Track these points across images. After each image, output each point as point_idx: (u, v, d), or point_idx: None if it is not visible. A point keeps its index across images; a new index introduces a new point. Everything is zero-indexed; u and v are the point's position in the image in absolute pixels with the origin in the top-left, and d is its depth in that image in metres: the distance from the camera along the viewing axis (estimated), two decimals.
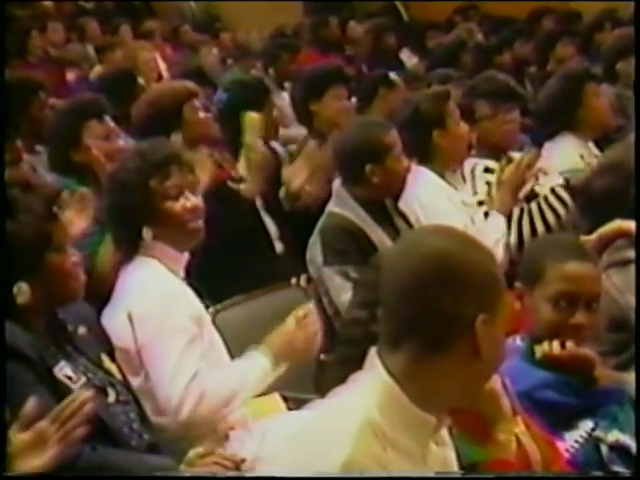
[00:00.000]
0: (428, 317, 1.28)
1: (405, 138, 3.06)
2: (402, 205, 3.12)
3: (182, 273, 2.37)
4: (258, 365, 2.28)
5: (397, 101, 3.90)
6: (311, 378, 2.61)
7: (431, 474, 1.32)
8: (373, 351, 1.33)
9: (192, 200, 2.32)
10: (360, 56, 6.85)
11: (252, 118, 3.49)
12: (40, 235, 1.91)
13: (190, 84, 3.48)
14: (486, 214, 3.17)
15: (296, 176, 3.55)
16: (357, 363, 1.40)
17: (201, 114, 3.36)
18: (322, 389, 2.11)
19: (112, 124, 3.16)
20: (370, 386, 1.31)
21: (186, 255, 2.38)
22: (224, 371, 2.26)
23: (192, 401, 2.17)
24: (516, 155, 3.36)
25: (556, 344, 1.91)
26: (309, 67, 4.36)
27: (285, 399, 2.44)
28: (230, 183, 3.35)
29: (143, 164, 2.28)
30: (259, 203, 3.48)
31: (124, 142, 3.27)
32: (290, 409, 2.39)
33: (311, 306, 2.39)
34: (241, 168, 3.45)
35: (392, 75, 4.29)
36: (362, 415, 1.27)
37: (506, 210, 3.12)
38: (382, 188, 3.00)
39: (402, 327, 1.30)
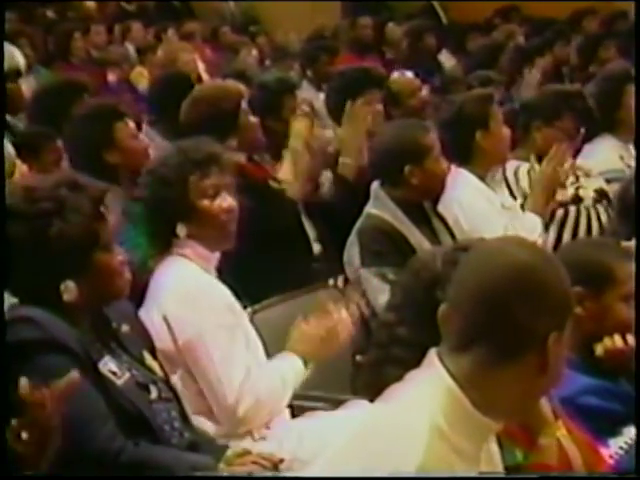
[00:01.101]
0: (503, 325, 1.29)
1: (447, 139, 3.05)
2: (441, 207, 3.11)
3: (214, 272, 2.38)
4: (295, 366, 2.31)
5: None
6: (347, 379, 2.62)
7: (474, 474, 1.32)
8: (433, 352, 1.34)
9: (228, 201, 2.33)
10: (398, 58, 6.84)
11: (300, 124, 3.50)
12: (88, 234, 1.93)
13: (240, 85, 3.48)
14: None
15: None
16: (391, 364, 1.39)
17: (252, 117, 3.37)
18: (358, 390, 2.13)
19: (133, 126, 3.17)
20: (432, 388, 1.31)
21: (217, 255, 2.39)
22: (270, 372, 2.29)
23: (249, 402, 2.21)
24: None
25: (618, 338, 1.92)
26: (342, 68, 4.34)
27: (321, 400, 2.46)
28: (271, 183, 3.35)
29: (184, 161, 2.30)
30: (299, 205, 3.48)
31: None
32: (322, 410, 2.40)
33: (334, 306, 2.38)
34: (284, 171, 3.45)
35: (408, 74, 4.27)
36: (428, 418, 1.28)
37: (539, 211, 3.09)
38: (421, 190, 3.00)
39: (473, 331, 1.30)
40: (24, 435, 1.48)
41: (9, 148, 2.77)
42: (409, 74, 4.58)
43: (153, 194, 2.33)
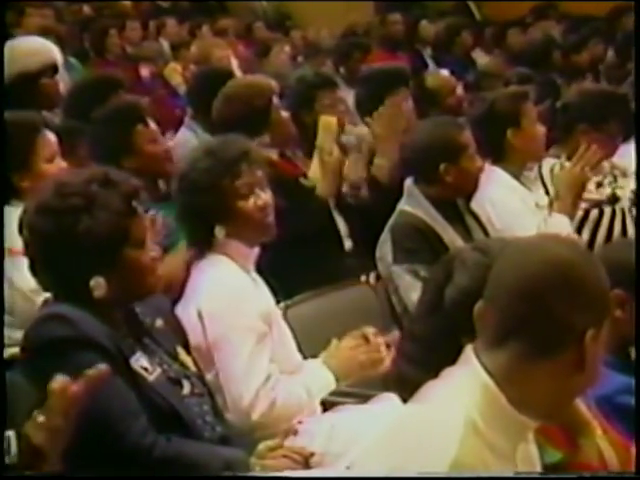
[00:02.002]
0: (540, 321, 1.28)
1: (478, 136, 3.04)
2: (474, 205, 3.10)
3: (253, 268, 2.39)
4: (323, 380, 2.32)
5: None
6: (379, 375, 2.61)
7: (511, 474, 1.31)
8: (469, 348, 1.33)
9: (262, 197, 2.34)
10: (432, 56, 6.82)
11: (328, 121, 3.49)
12: (117, 231, 1.92)
13: (271, 80, 3.47)
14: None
15: (350, 171, 3.52)
16: (423, 361, 1.39)
17: (284, 113, 3.36)
18: (389, 386, 2.12)
19: (155, 126, 3.16)
20: (468, 384, 1.30)
21: (256, 250, 2.40)
22: (293, 381, 2.29)
23: (263, 406, 2.20)
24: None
25: None
26: (373, 67, 4.33)
27: (351, 395, 2.46)
28: (302, 180, 3.36)
29: (213, 164, 2.29)
30: (330, 201, 3.48)
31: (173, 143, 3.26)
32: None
33: (371, 330, 2.39)
34: (314, 169, 3.45)
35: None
36: (463, 414, 1.27)
37: (566, 210, 3.05)
38: (455, 188, 2.99)
39: (510, 328, 1.30)
40: (40, 418, 1.47)
41: (50, 135, 2.80)
42: (445, 72, 4.56)
43: (187, 200, 2.33)
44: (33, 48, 4.15)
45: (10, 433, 1.57)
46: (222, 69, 4.45)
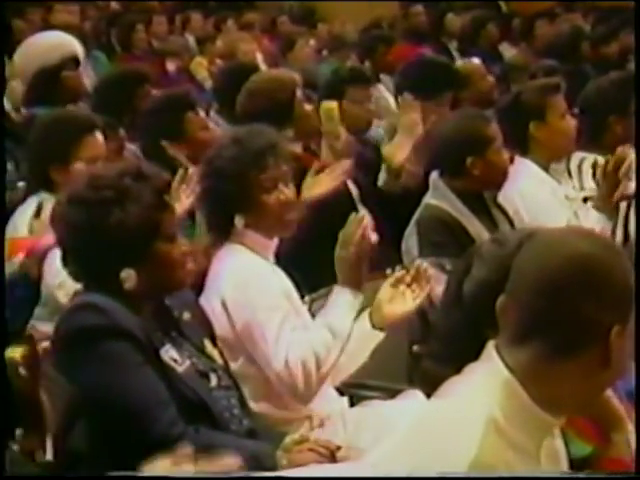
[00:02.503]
0: (564, 318, 1.26)
1: (504, 129, 3.01)
2: (501, 198, 3.08)
3: (272, 258, 2.39)
4: (340, 301, 2.26)
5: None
6: (404, 369, 2.61)
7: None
8: (490, 344, 1.31)
9: (286, 192, 2.33)
10: (457, 49, 6.77)
11: (328, 107, 3.47)
12: (148, 224, 1.93)
13: (295, 74, 3.47)
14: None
15: (398, 151, 3.50)
16: (451, 356, 1.38)
17: (308, 106, 3.35)
18: (414, 381, 2.11)
19: (204, 115, 3.19)
20: (489, 381, 1.28)
21: (275, 241, 2.40)
22: (308, 330, 2.25)
23: (299, 373, 2.19)
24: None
25: None
26: (415, 60, 4.29)
27: (377, 389, 2.46)
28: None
29: (240, 153, 2.29)
30: (355, 194, 3.47)
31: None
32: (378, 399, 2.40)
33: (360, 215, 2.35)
34: (325, 156, 3.43)
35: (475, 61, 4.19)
36: (484, 412, 1.25)
37: (604, 207, 3.02)
38: (482, 181, 2.97)
39: (533, 324, 1.27)
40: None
41: (100, 137, 2.83)
42: (476, 60, 4.53)
43: (210, 186, 2.34)
44: (52, 42, 4.19)
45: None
46: (248, 64, 4.46)
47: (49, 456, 1.62)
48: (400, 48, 5.90)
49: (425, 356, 1.62)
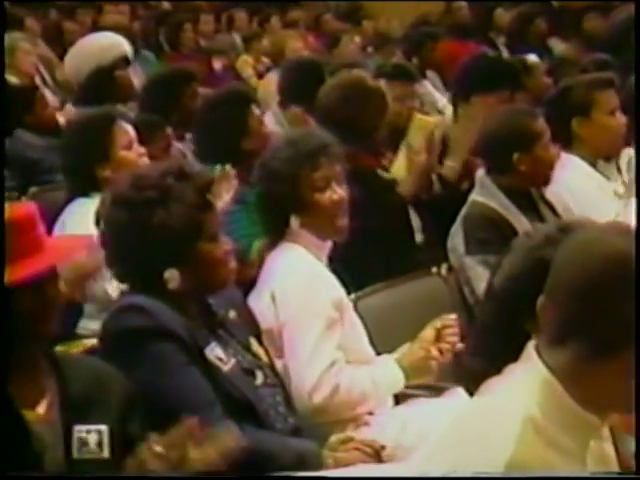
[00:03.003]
0: (602, 319, 1.23)
1: (549, 124, 2.97)
2: (549, 194, 3.04)
3: (325, 260, 2.40)
4: (392, 375, 2.30)
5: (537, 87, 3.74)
6: (449, 366, 2.59)
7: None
8: (531, 344, 1.30)
9: (338, 192, 2.34)
10: (505, 44, 6.70)
11: (425, 121, 3.45)
12: (191, 224, 1.93)
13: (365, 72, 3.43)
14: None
15: (452, 160, 3.47)
16: (488, 351, 1.36)
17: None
18: (459, 378, 2.09)
19: (260, 111, 3.20)
20: (529, 381, 1.27)
21: (329, 243, 2.41)
22: (359, 371, 2.28)
23: (326, 390, 2.19)
24: None
25: None
26: (471, 57, 4.24)
27: (422, 387, 2.44)
28: (380, 172, 3.31)
29: (294, 154, 2.31)
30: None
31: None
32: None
33: (452, 317, 2.36)
34: (398, 165, 3.40)
35: (532, 58, 4.12)
36: (522, 411, 1.24)
37: None
38: (529, 177, 2.94)
39: (571, 325, 1.25)
40: (158, 449, 1.54)
41: (125, 124, 2.87)
42: (532, 56, 4.47)
43: (266, 188, 2.36)
44: (106, 42, 4.28)
45: (103, 428, 1.62)
46: (315, 61, 4.37)
47: (106, 454, 1.64)
48: (447, 44, 5.86)
49: (465, 352, 1.60)
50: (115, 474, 1.59)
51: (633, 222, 2.93)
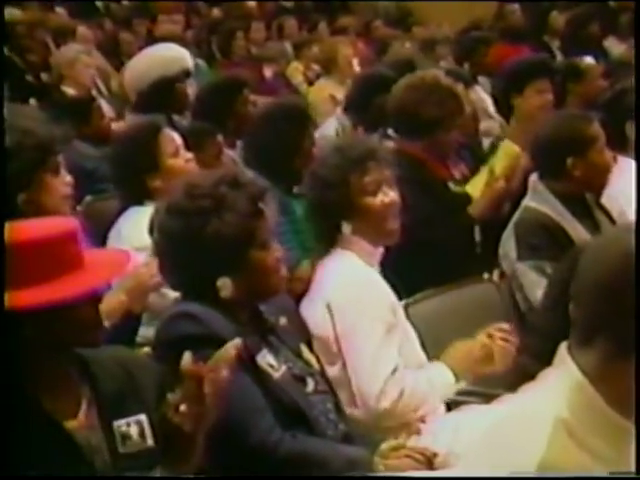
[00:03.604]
0: (625, 318, 1.23)
1: (604, 127, 2.92)
2: (606, 198, 3.00)
3: (377, 267, 2.40)
4: (444, 377, 2.30)
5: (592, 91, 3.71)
6: (503, 373, 2.57)
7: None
8: (563, 346, 1.30)
9: (390, 195, 2.35)
10: (559, 47, 6.62)
11: (512, 150, 3.41)
12: (244, 233, 1.95)
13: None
14: None
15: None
16: (545, 355, 1.36)
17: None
18: (512, 385, 2.07)
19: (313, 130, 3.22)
20: (561, 382, 1.27)
21: (380, 249, 2.41)
22: (417, 374, 2.28)
23: (393, 394, 2.20)
24: None
25: None
26: (513, 59, 4.22)
27: (475, 394, 2.43)
28: (451, 185, 3.24)
29: (342, 160, 2.33)
30: None
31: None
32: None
33: (506, 326, 2.34)
34: (475, 184, 3.35)
35: (587, 60, 4.08)
36: (553, 413, 1.24)
37: None
38: (583, 182, 2.90)
39: (595, 325, 1.25)
40: (182, 408, 1.51)
41: (170, 131, 2.91)
42: (589, 59, 4.42)
43: (316, 195, 2.37)
44: (170, 55, 4.41)
45: (142, 417, 1.63)
46: (385, 74, 4.32)
47: (150, 442, 1.64)
48: (499, 49, 5.80)
49: (525, 356, 1.59)
50: (163, 460, 1.58)
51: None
